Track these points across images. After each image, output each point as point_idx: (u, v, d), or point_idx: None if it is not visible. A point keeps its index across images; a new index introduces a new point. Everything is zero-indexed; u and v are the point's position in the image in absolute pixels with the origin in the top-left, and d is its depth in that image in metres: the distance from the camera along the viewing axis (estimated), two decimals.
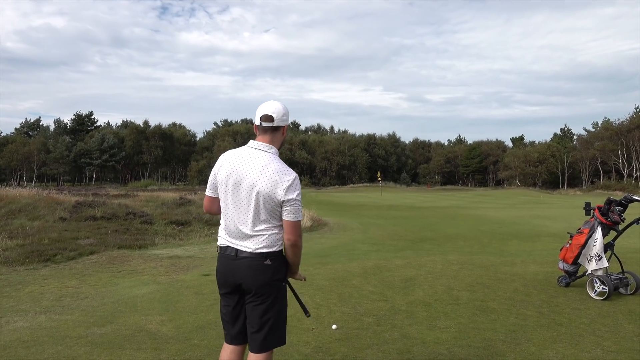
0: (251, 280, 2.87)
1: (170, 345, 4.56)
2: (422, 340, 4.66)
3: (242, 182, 2.85)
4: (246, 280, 2.88)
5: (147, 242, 12.00)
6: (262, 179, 2.81)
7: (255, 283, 2.87)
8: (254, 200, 2.82)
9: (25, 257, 9.26)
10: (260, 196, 2.80)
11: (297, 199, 2.82)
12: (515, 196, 49.60)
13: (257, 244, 2.86)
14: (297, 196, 2.82)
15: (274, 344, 2.94)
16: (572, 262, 6.57)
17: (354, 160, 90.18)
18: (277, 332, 2.94)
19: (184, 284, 7.35)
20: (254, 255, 2.86)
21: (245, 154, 2.92)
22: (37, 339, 4.80)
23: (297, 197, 2.82)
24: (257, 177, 2.81)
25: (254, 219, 2.84)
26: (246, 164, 2.87)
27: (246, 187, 2.84)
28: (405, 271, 7.93)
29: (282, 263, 2.93)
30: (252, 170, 2.84)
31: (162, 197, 21.58)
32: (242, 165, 2.87)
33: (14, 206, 15.42)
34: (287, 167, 2.88)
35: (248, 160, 2.88)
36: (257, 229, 2.84)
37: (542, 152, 79.69)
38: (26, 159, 77.27)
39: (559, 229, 15.72)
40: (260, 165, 2.84)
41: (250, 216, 2.84)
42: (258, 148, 2.91)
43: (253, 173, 2.83)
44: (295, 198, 2.81)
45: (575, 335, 4.81)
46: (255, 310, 2.90)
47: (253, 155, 2.89)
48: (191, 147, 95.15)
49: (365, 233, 15.08)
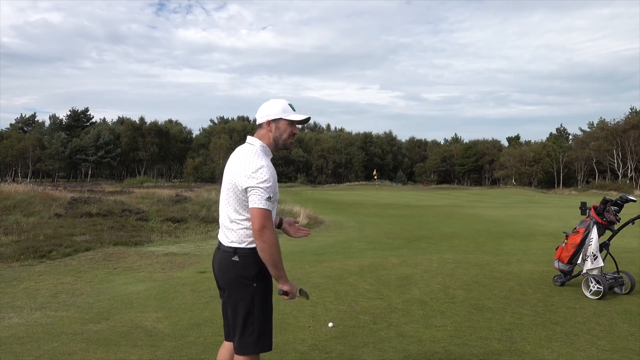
0: (220, 275, 2.91)
1: (166, 342, 4.55)
2: (418, 339, 4.67)
3: (225, 175, 2.92)
4: (217, 275, 2.94)
5: (143, 239, 11.97)
6: (233, 165, 2.85)
7: (222, 278, 2.89)
8: (227, 190, 2.86)
9: (20, 253, 9.22)
10: (230, 185, 2.83)
11: (260, 186, 2.70)
12: (510, 195, 49.74)
13: (228, 238, 2.86)
14: (260, 184, 2.70)
15: (248, 349, 2.80)
16: (568, 262, 6.59)
17: (350, 159, 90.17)
18: (250, 337, 2.79)
19: (180, 281, 7.34)
20: (225, 249, 2.87)
21: (237, 149, 2.98)
22: (32, 335, 4.78)
23: (260, 184, 2.70)
24: (232, 167, 2.85)
25: (227, 211, 2.86)
26: (232, 157, 2.93)
27: (225, 178, 2.89)
28: (401, 269, 7.94)
29: (254, 262, 2.80)
30: (232, 162, 2.89)
31: (158, 194, 21.51)
32: (230, 159, 2.94)
33: (8, 202, 15.34)
34: (259, 157, 2.79)
35: (234, 154, 2.94)
36: (230, 222, 2.84)
37: (537, 152, 79.84)
38: (21, 154, 76.90)
39: (554, 228, 15.78)
40: (239, 157, 2.87)
41: (225, 207, 2.88)
42: (247, 142, 2.97)
43: (231, 164, 2.89)
44: (256, 185, 2.70)
45: (571, 334, 4.83)
46: (227, 308, 2.91)
47: (239, 149, 2.95)
48: (187, 144, 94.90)
49: (361, 231, 15.10)
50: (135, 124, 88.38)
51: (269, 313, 2.87)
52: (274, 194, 2.79)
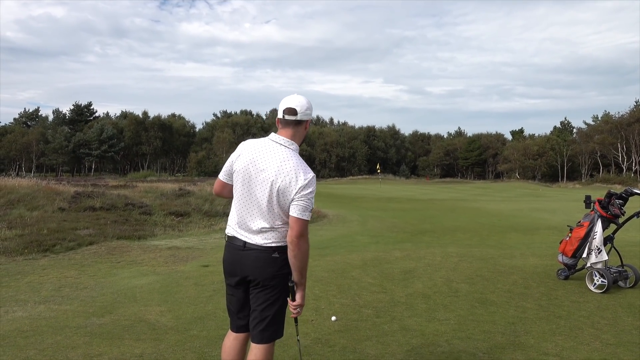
0: (258, 272, 2.86)
1: (170, 335, 4.56)
2: (422, 332, 4.67)
3: (259, 175, 2.82)
4: (253, 272, 2.87)
5: (146, 232, 12.00)
6: (280, 174, 2.76)
7: (262, 275, 2.86)
8: (268, 194, 2.78)
9: (24, 247, 9.25)
10: (275, 191, 2.77)
11: (309, 197, 2.76)
12: (514, 189, 49.64)
13: (266, 238, 2.84)
14: (309, 194, 2.76)
15: (275, 336, 2.95)
16: (572, 255, 6.57)
17: (354, 152, 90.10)
18: (277, 325, 2.94)
19: (183, 274, 7.35)
20: (262, 248, 2.85)
21: (266, 146, 2.87)
22: (36, 328, 4.80)
23: (309, 195, 2.76)
24: (276, 172, 2.77)
25: (267, 213, 2.81)
26: (265, 157, 2.83)
27: (262, 181, 2.80)
28: (404, 263, 7.93)
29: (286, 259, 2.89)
30: (271, 164, 2.80)
31: (161, 188, 21.53)
32: (261, 157, 2.84)
33: (12, 196, 15.38)
34: (306, 166, 2.84)
35: (268, 154, 2.83)
36: (268, 224, 2.82)
37: (541, 145, 79.63)
38: (25, 149, 77.09)
39: (558, 222, 15.73)
40: (279, 160, 2.79)
41: (263, 210, 2.82)
42: (279, 142, 2.86)
43: (272, 167, 2.79)
44: (305, 195, 2.75)
45: (575, 327, 4.81)
46: (259, 302, 2.90)
47: (273, 149, 2.85)
48: (190, 138, 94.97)
49: (364, 225, 15.09)
50: (139, 118, 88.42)
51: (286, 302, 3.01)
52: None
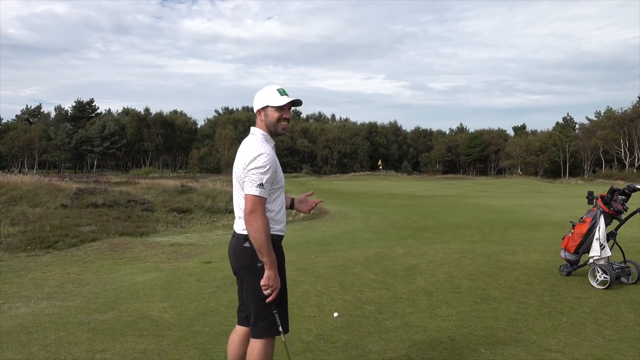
0: (233, 262, 2.98)
1: (172, 332, 4.57)
2: (424, 328, 4.67)
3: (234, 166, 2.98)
4: (231, 262, 3.01)
5: (149, 229, 12.02)
6: (237, 159, 2.90)
7: (236, 265, 2.96)
8: (234, 180, 2.94)
9: (27, 243, 9.28)
10: (236, 175, 2.91)
11: (254, 172, 2.75)
12: (516, 185, 49.56)
13: (240, 226, 2.91)
14: (255, 170, 2.75)
15: (263, 333, 2.87)
16: (574, 251, 6.56)
17: (355, 149, 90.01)
18: (264, 321, 2.86)
19: (186, 271, 7.36)
20: (237, 237, 2.94)
21: (243, 141, 3.02)
22: (39, 325, 4.81)
23: (254, 170, 2.75)
24: (237, 158, 2.91)
25: (238, 200, 2.92)
26: (239, 149, 2.97)
27: (233, 169, 2.97)
28: (406, 259, 7.93)
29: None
30: (237, 153, 2.95)
31: (163, 185, 21.57)
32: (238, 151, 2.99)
33: (15, 193, 15.42)
34: (259, 145, 2.83)
35: (240, 146, 2.99)
36: (240, 211, 2.89)
37: (544, 141, 79.41)
38: (27, 145, 77.22)
39: (560, 218, 15.71)
40: (242, 147, 2.92)
41: (237, 198, 2.94)
42: (250, 133, 3.00)
43: (237, 155, 2.94)
44: (251, 170, 2.76)
45: (577, 324, 4.81)
46: (246, 295, 2.97)
47: (244, 140, 3.00)
48: (192, 134, 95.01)
49: (366, 221, 15.08)
50: (141, 114, 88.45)
51: (282, 297, 2.91)
52: (275, 181, 2.86)
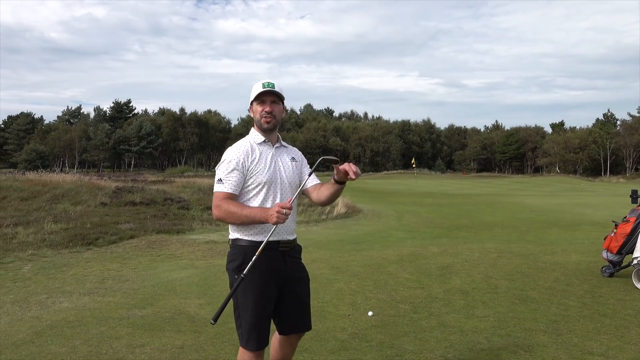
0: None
1: (209, 328, 4.63)
2: (460, 329, 4.60)
3: None
4: None
5: (185, 227, 12.23)
6: None
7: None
8: None
9: (69, 240, 9.58)
10: None
11: (217, 168, 2.80)
12: (554, 183, 48.32)
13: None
14: (217, 168, 2.80)
15: (241, 341, 2.74)
16: (617, 252, 6.35)
17: (388, 147, 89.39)
18: (239, 330, 2.76)
19: (221, 268, 7.45)
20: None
21: None
22: (81, 319, 4.96)
23: (217, 168, 2.80)
24: None
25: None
26: None
27: None
28: (441, 259, 7.83)
29: (236, 253, 2.76)
30: None
31: (198, 183, 21.90)
32: None
33: (57, 191, 15.94)
34: (236, 143, 2.87)
35: None
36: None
37: (583, 138, 77.12)
38: (68, 145, 79.63)
39: (601, 217, 15.23)
40: None
41: None
42: None
43: None
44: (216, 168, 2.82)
45: (620, 326, 4.65)
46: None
47: None
48: (226, 134, 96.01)
49: (399, 220, 14.97)
50: (176, 114, 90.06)
51: (255, 310, 2.69)
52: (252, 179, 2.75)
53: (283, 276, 2.77)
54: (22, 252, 8.67)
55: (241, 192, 2.77)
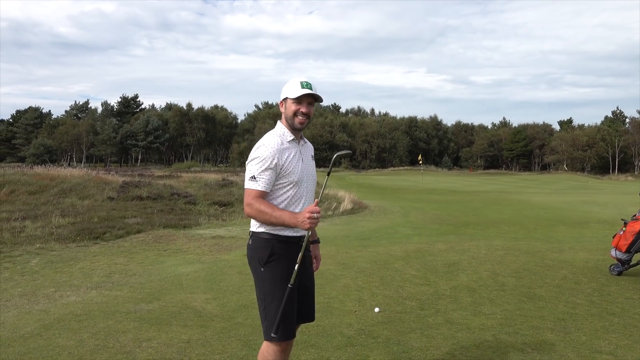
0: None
1: (215, 323, 4.64)
2: (467, 326, 4.58)
3: None
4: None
5: (191, 222, 12.25)
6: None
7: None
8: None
9: (76, 234, 9.62)
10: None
11: (248, 165, 2.79)
12: (562, 181, 48.06)
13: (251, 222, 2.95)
14: (249, 163, 2.78)
15: (265, 335, 2.78)
16: (626, 250, 6.31)
17: (395, 143, 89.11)
18: (264, 323, 2.80)
19: (227, 263, 7.47)
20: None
21: None
22: (88, 313, 4.98)
23: (249, 164, 2.78)
24: None
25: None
26: None
27: None
28: (448, 256, 7.80)
29: (259, 246, 2.81)
30: None
31: (204, 179, 21.94)
32: None
33: (65, 185, 16.01)
34: (265, 137, 2.84)
35: None
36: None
37: (591, 136, 76.52)
38: (75, 140, 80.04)
39: (609, 215, 15.11)
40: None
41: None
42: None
43: None
44: (247, 163, 2.81)
45: (629, 325, 4.62)
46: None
47: None
48: (233, 129, 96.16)
49: (406, 216, 14.93)
50: (183, 109, 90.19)
51: (286, 301, 2.72)
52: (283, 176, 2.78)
53: (300, 269, 2.83)
54: (30, 246, 8.73)
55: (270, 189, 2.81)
